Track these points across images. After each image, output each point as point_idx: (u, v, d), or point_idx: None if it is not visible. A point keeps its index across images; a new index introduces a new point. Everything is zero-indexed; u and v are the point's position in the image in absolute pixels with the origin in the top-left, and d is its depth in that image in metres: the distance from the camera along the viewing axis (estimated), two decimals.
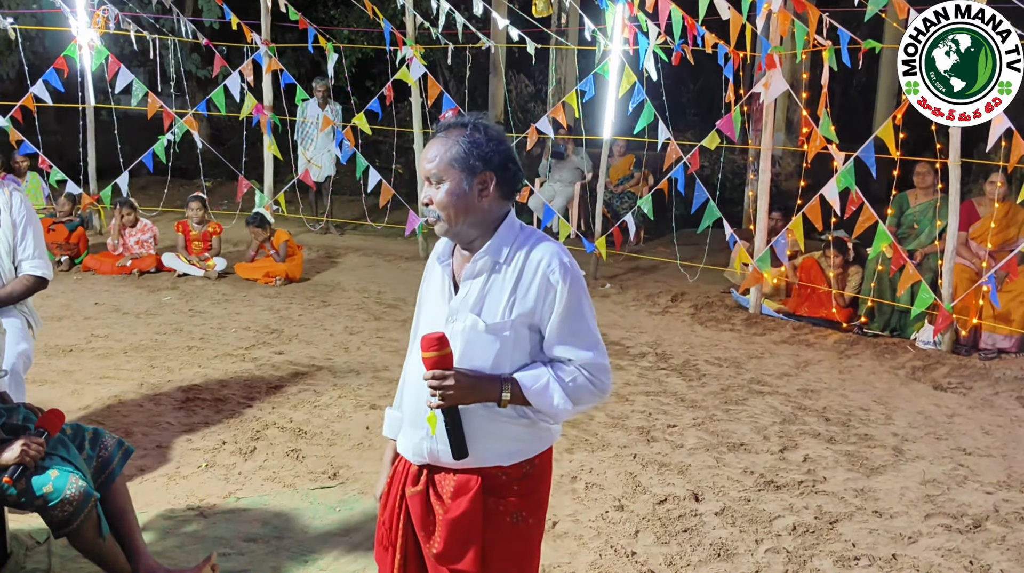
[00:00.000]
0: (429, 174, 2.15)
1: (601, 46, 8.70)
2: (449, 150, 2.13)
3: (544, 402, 2.14)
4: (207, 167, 10.91)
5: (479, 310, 2.15)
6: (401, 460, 2.32)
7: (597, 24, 8.81)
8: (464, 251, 2.22)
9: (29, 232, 3.81)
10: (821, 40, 7.22)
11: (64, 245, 8.58)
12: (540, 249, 2.16)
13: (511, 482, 2.21)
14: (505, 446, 2.20)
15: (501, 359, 2.15)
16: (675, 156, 7.98)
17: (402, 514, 2.27)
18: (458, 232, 2.17)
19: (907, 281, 6.55)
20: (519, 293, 2.14)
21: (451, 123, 2.19)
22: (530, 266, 2.14)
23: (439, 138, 2.17)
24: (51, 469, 2.86)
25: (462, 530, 2.17)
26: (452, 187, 2.12)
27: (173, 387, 5.36)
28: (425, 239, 9.59)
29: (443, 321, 2.18)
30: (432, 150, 2.15)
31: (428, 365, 2.07)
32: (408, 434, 2.26)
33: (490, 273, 2.16)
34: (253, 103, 9.70)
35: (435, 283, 2.28)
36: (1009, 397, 5.72)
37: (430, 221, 2.17)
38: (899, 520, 3.97)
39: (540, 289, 2.13)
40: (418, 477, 2.24)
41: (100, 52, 9.32)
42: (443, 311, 2.20)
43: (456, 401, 2.08)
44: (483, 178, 2.14)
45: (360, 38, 13.65)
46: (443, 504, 2.20)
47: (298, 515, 3.85)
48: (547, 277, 2.13)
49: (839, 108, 9.30)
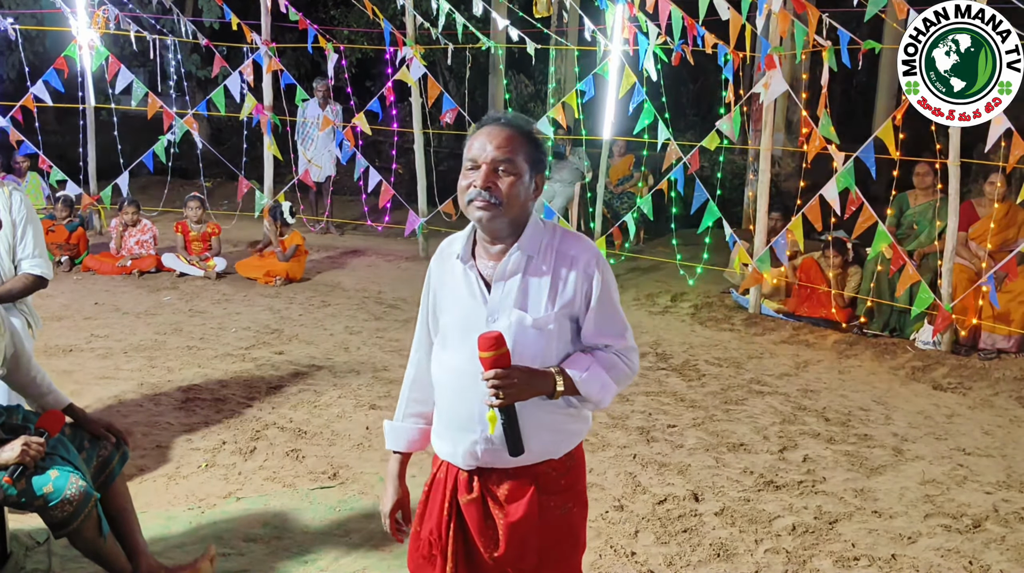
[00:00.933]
0: (494, 160, 2.12)
1: (601, 46, 8.71)
2: (521, 143, 2.15)
3: (592, 389, 2.17)
4: (207, 167, 10.92)
5: (522, 305, 2.16)
6: (443, 467, 2.30)
7: (597, 24, 8.81)
8: (491, 247, 2.20)
9: (29, 231, 3.81)
10: (821, 40, 7.22)
11: (64, 245, 8.59)
12: (570, 242, 2.21)
13: (559, 476, 2.24)
14: (553, 438, 2.22)
15: (548, 352, 2.17)
16: (675, 156, 7.98)
17: (452, 523, 2.26)
18: (503, 224, 2.15)
19: (907, 281, 6.55)
20: (559, 286, 2.16)
21: (513, 118, 2.19)
22: (564, 259, 2.17)
23: (502, 127, 2.16)
24: (51, 469, 2.87)
25: (522, 532, 2.20)
26: (519, 178, 2.13)
27: (173, 387, 5.36)
28: (425, 239, 9.59)
29: (482, 320, 2.16)
30: (500, 137, 2.14)
31: (487, 365, 2.06)
32: (455, 439, 2.23)
33: (525, 268, 2.17)
34: (253, 103, 9.70)
35: (458, 283, 2.24)
36: (1008, 397, 5.72)
37: (479, 205, 2.12)
38: (899, 520, 3.97)
39: (578, 281, 2.16)
40: (469, 483, 2.24)
41: (100, 52, 9.33)
42: (478, 311, 2.18)
43: (516, 398, 2.08)
44: (538, 179, 2.20)
45: (360, 38, 13.66)
46: (502, 508, 2.21)
47: (298, 515, 3.85)
48: (584, 269, 2.17)
49: (839, 108, 9.30)
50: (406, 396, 2.43)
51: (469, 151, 2.17)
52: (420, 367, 2.39)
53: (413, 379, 2.41)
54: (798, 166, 11.18)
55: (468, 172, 2.16)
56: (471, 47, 9.98)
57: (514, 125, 2.17)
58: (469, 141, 2.20)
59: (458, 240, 2.28)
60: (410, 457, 2.45)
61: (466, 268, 2.22)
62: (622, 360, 2.24)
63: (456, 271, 2.24)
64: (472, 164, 2.15)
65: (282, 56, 11.63)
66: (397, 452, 2.43)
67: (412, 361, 2.43)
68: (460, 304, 2.23)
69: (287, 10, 9.45)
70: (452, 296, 2.26)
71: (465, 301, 2.21)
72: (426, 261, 10.31)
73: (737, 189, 11.91)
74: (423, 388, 2.37)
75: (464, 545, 2.27)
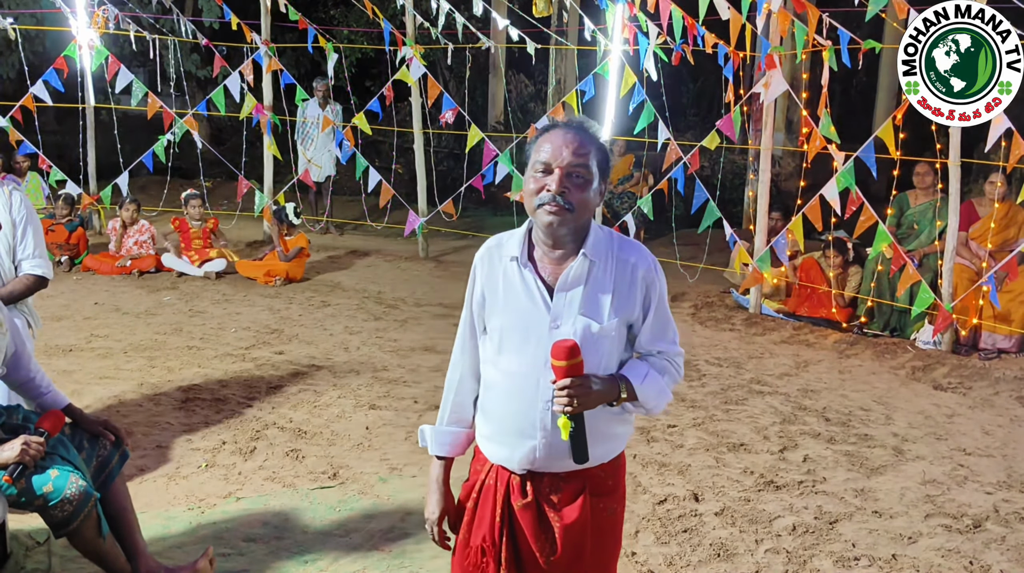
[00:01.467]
0: (570, 165, 2.09)
1: (601, 46, 8.70)
2: (594, 149, 2.13)
3: (650, 395, 2.19)
4: (207, 167, 10.91)
5: (586, 312, 2.14)
6: (492, 472, 2.27)
7: (597, 24, 8.81)
8: (551, 251, 2.17)
9: (29, 231, 3.80)
10: (821, 40, 7.21)
11: (64, 245, 8.59)
12: (629, 248, 2.21)
13: (607, 478, 2.26)
14: (605, 443, 2.23)
15: (610, 359, 2.18)
16: (675, 156, 7.98)
17: (506, 528, 2.24)
18: (570, 229, 2.13)
19: (907, 281, 6.55)
20: (620, 292, 2.16)
21: (584, 124, 2.19)
22: (624, 266, 2.17)
23: (576, 132, 2.13)
24: (51, 469, 2.86)
25: (577, 534, 2.21)
26: (591, 185, 2.12)
27: (173, 387, 5.36)
28: (425, 239, 9.59)
29: (544, 326, 2.14)
30: (574, 143, 2.11)
31: (561, 373, 2.05)
32: (512, 444, 2.20)
33: (588, 274, 2.15)
34: (253, 103, 9.70)
35: (514, 286, 2.19)
36: (1009, 397, 5.72)
37: (551, 209, 2.08)
38: (899, 520, 3.97)
39: (639, 287, 2.18)
40: (523, 487, 2.22)
41: (100, 52, 9.32)
42: (539, 316, 2.15)
43: (587, 406, 2.08)
44: (603, 187, 2.18)
45: (360, 38, 13.65)
46: (556, 512, 2.21)
47: (298, 515, 3.85)
48: (644, 276, 2.18)
49: (839, 108, 9.29)
50: (450, 400, 2.37)
51: (539, 154, 2.13)
52: (464, 370, 2.34)
53: (458, 382, 2.35)
54: (798, 166, 11.18)
55: (539, 176, 2.12)
56: (471, 47, 9.98)
57: (586, 131, 2.16)
58: (538, 143, 2.16)
59: (510, 241, 2.24)
60: (453, 462, 2.39)
61: (524, 271, 2.18)
62: (672, 366, 2.27)
63: (511, 273, 2.20)
64: (544, 167, 2.11)
65: (282, 56, 11.65)
66: (441, 457, 2.37)
67: (456, 364, 2.36)
68: (518, 308, 2.19)
69: (287, 10, 9.45)
70: (507, 299, 2.21)
71: (523, 305, 2.18)
72: (426, 261, 10.31)
73: (737, 189, 11.91)
74: (466, 392, 2.35)
75: (516, 551, 2.25)
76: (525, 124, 11.16)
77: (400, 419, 4.98)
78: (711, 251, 8.63)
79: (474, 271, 2.31)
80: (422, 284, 8.48)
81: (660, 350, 2.25)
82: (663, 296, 2.23)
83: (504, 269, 2.21)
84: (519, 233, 2.23)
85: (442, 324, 7.05)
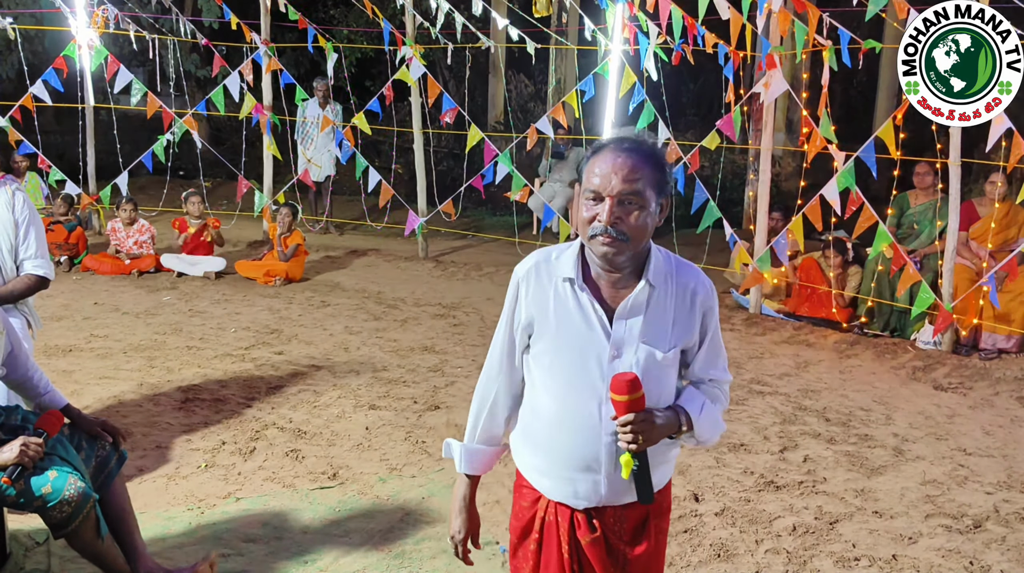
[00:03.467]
0: (621, 193, 1.94)
1: (601, 46, 8.70)
2: (648, 170, 1.97)
3: (706, 427, 2.09)
4: (206, 167, 10.92)
5: (650, 340, 2.03)
6: (550, 509, 2.14)
7: (597, 24, 8.80)
8: (609, 275, 2.03)
9: (31, 232, 3.80)
10: (821, 40, 7.21)
11: (63, 245, 8.58)
12: (687, 272, 2.10)
13: (662, 500, 2.19)
14: (663, 467, 2.16)
15: (669, 388, 2.09)
16: (675, 156, 7.98)
17: (575, 563, 2.13)
18: (628, 257, 2.00)
19: (907, 281, 6.54)
20: (680, 319, 2.06)
21: (637, 142, 2.01)
22: (683, 290, 2.07)
23: (627, 154, 1.97)
24: (50, 470, 2.86)
25: (646, 560, 2.16)
26: (646, 210, 1.96)
27: (172, 387, 5.36)
28: (425, 239, 9.58)
29: (603, 353, 2.02)
30: (625, 167, 1.95)
31: (622, 409, 1.94)
32: (574, 480, 2.08)
33: (649, 300, 2.04)
34: (252, 103, 9.70)
35: (568, 309, 2.05)
36: (1009, 397, 5.71)
37: (604, 241, 1.95)
38: (899, 520, 3.97)
39: (696, 314, 2.08)
40: (590, 522, 2.11)
41: (99, 52, 9.32)
42: (599, 343, 2.02)
43: (652, 442, 1.97)
44: (664, 204, 2.03)
45: (360, 38, 13.65)
46: (625, 542, 2.13)
47: (297, 515, 3.85)
48: (702, 302, 2.08)
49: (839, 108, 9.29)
50: (482, 418, 2.24)
51: (589, 179, 1.98)
52: (500, 389, 2.20)
53: (493, 401, 2.21)
54: (798, 166, 11.18)
55: (590, 203, 1.98)
56: (471, 47, 9.98)
57: (639, 151, 1.98)
58: (589, 165, 2.01)
59: (562, 259, 2.09)
60: (479, 480, 2.30)
61: (580, 293, 2.04)
62: (723, 394, 2.18)
63: (565, 295, 2.06)
64: (594, 195, 1.97)
65: (281, 56, 11.65)
66: (469, 476, 2.26)
67: (490, 380, 2.22)
68: (574, 333, 2.05)
69: (286, 9, 9.44)
70: (560, 322, 2.06)
71: (580, 330, 2.04)
72: (426, 261, 10.26)
73: (737, 189, 11.91)
74: (499, 411, 2.22)
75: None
76: (525, 124, 11.15)
77: (400, 419, 4.98)
78: (711, 251, 8.63)
79: (516, 287, 2.14)
80: (422, 284, 8.48)
81: (712, 378, 2.15)
82: (718, 322, 2.14)
83: (556, 289, 2.07)
84: (571, 252, 2.08)
85: (442, 324, 7.05)
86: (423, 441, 4.67)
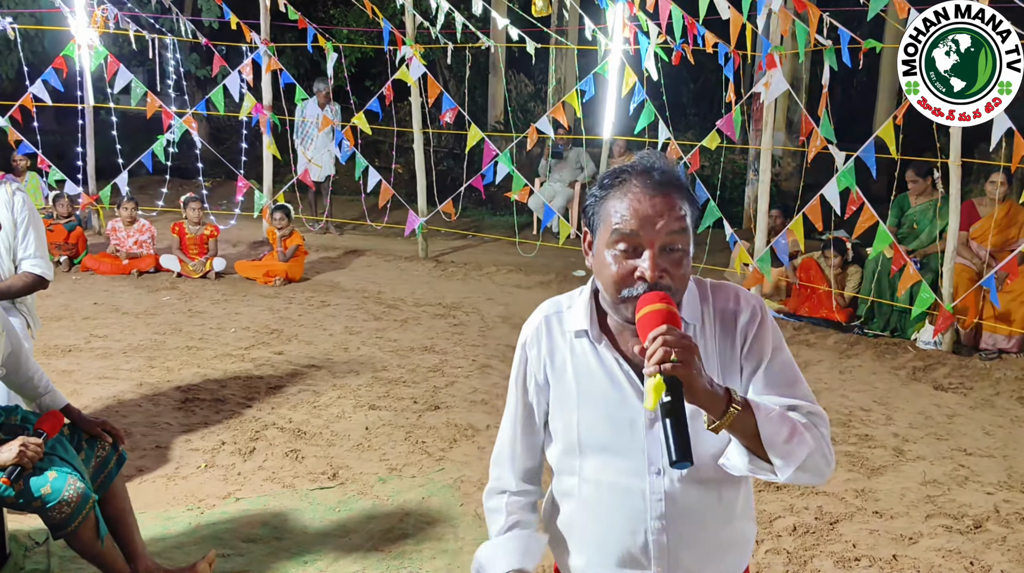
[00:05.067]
0: (666, 243, 1.59)
1: (601, 46, 8.70)
2: (690, 206, 1.64)
3: (775, 430, 1.59)
4: (206, 167, 10.91)
5: None
6: None
7: (597, 24, 8.80)
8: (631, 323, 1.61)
9: (31, 232, 3.80)
10: (822, 40, 7.21)
11: (63, 245, 8.58)
12: (726, 295, 1.74)
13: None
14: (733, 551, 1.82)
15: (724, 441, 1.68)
16: (675, 156, 7.98)
17: None
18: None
19: (907, 281, 6.54)
20: (724, 353, 1.71)
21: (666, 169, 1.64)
22: (727, 319, 1.71)
23: (664, 189, 1.60)
24: (49, 470, 2.85)
25: None
26: (688, 254, 1.64)
27: (172, 387, 5.35)
28: (425, 239, 9.58)
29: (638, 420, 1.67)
30: (669, 205, 1.59)
31: (657, 319, 1.51)
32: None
33: None
34: (252, 103, 9.69)
35: (590, 369, 1.72)
36: (1010, 397, 5.71)
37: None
38: (900, 521, 3.96)
39: (739, 341, 1.71)
40: None
41: (99, 52, 9.32)
42: (630, 403, 1.68)
43: (688, 370, 1.47)
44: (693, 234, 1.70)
45: (359, 38, 13.64)
46: None
47: (297, 516, 3.84)
48: (744, 325, 1.71)
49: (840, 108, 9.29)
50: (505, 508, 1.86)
51: (616, 218, 1.59)
52: (520, 480, 1.87)
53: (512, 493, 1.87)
54: (799, 166, 11.18)
55: (621, 253, 1.60)
56: (471, 46, 9.97)
57: (674, 182, 1.62)
58: (609, 203, 1.62)
59: (572, 309, 1.76)
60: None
61: (600, 349, 1.71)
62: (815, 426, 1.68)
63: (583, 353, 1.73)
64: (630, 244, 1.59)
65: (281, 55, 11.63)
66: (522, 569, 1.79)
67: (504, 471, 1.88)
68: (600, 398, 1.70)
69: (286, 9, 9.44)
70: (583, 387, 1.72)
71: (607, 393, 1.69)
72: (426, 261, 10.24)
73: (737, 189, 11.91)
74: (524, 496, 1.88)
75: None
76: (525, 124, 11.15)
77: (400, 419, 4.97)
78: (711, 251, 8.62)
79: (524, 352, 1.80)
80: (422, 284, 8.47)
81: (790, 406, 1.70)
82: (779, 340, 1.74)
83: (573, 349, 1.73)
84: (582, 300, 1.75)
85: (442, 324, 7.05)
86: (423, 441, 4.67)
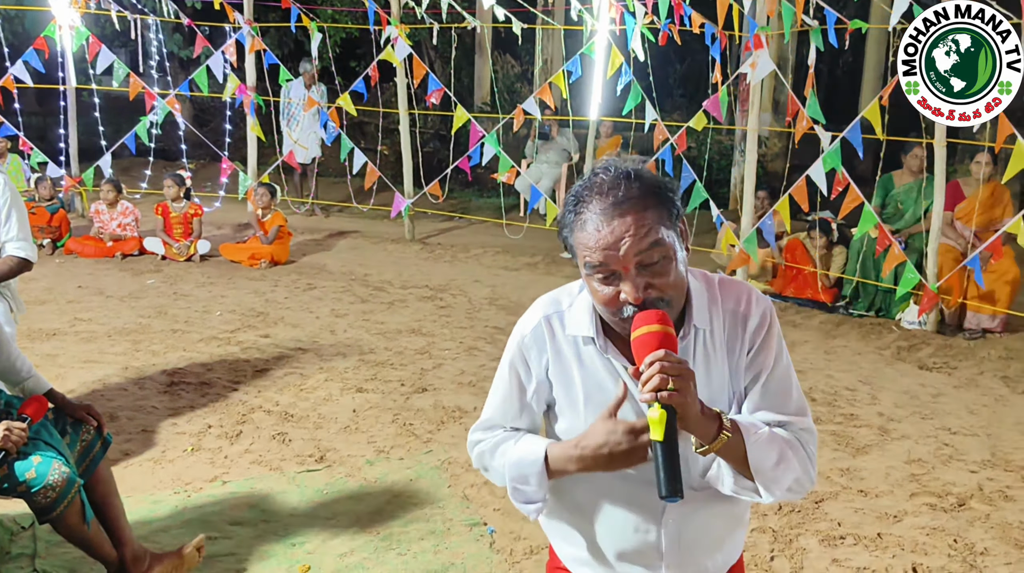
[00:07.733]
0: (640, 261, 1.51)
1: (588, 26, 8.66)
2: (655, 205, 1.53)
3: (762, 455, 1.58)
4: (190, 149, 10.83)
5: (706, 398, 1.57)
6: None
7: (584, 4, 8.75)
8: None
9: (13, 215, 3.76)
10: (808, 20, 7.19)
11: (46, 228, 8.50)
12: (734, 295, 1.68)
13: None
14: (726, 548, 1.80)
15: None
16: (662, 137, 7.96)
17: None
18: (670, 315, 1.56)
19: (892, 261, 6.57)
20: (732, 359, 1.66)
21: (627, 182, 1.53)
22: (735, 321, 1.66)
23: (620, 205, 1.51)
24: (33, 455, 2.84)
25: None
26: (673, 256, 1.54)
27: (158, 371, 5.33)
28: (411, 221, 9.54)
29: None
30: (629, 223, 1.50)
31: (652, 342, 1.47)
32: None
33: (694, 346, 1.64)
34: (236, 84, 9.61)
35: (596, 376, 1.67)
36: (993, 377, 5.75)
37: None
38: (884, 499, 4.00)
39: (748, 345, 1.66)
40: None
41: (81, 32, 9.21)
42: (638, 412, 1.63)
43: (683, 398, 1.45)
44: (682, 227, 1.60)
45: (344, 18, 13.53)
46: None
47: (284, 498, 3.84)
48: (753, 331, 1.66)
49: (826, 88, 9.29)
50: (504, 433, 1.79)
51: (583, 251, 1.54)
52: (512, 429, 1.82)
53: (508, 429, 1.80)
54: (785, 146, 11.19)
55: (601, 283, 1.54)
56: (457, 27, 9.91)
57: (629, 189, 1.52)
58: (574, 233, 1.56)
59: (573, 313, 1.68)
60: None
61: (609, 358, 1.65)
62: (802, 445, 1.65)
63: (591, 361, 1.67)
64: (604, 273, 1.53)
65: (265, 36, 11.53)
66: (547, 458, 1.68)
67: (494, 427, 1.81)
68: (607, 404, 1.61)
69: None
70: (589, 394, 1.67)
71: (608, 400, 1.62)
72: (413, 243, 10.22)
73: (724, 170, 11.92)
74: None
75: None
76: (512, 105, 11.10)
77: (387, 402, 4.97)
78: (698, 232, 8.64)
79: (524, 356, 1.72)
80: (408, 266, 8.45)
81: (781, 422, 1.66)
82: (781, 347, 1.69)
83: (576, 354, 1.68)
84: (583, 302, 1.68)
85: (429, 306, 7.03)
86: (410, 423, 4.67)
